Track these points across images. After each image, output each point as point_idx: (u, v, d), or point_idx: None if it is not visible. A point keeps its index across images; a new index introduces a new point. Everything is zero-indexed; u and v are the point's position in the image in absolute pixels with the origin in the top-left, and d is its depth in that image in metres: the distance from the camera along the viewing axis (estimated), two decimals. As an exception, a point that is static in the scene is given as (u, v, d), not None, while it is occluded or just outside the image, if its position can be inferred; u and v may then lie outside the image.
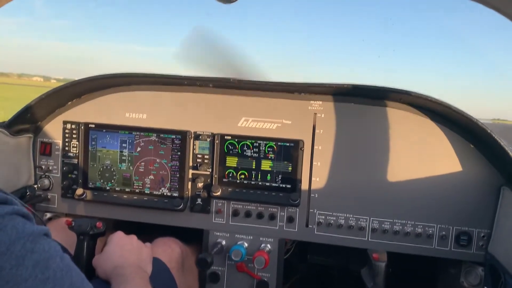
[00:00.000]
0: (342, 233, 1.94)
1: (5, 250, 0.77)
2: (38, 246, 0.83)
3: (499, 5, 0.92)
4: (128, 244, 1.61)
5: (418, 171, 1.87)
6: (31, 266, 0.80)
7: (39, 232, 0.86)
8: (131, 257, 1.54)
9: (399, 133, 1.89)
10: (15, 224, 0.81)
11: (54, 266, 0.85)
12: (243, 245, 1.97)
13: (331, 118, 1.93)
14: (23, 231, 0.82)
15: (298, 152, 1.94)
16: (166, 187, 2.04)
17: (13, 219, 0.82)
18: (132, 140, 2.04)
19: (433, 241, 1.88)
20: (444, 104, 1.73)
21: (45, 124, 2.12)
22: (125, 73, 1.96)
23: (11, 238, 0.79)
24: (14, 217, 0.83)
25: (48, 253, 0.85)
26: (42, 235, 0.87)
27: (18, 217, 0.84)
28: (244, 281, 2.02)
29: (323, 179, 1.94)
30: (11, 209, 0.83)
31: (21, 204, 0.90)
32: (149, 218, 2.08)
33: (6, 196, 0.85)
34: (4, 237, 0.78)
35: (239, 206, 2.01)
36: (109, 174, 2.07)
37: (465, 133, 1.84)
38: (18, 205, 0.87)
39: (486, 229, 1.83)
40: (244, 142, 1.98)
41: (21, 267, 0.78)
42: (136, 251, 1.59)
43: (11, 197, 0.88)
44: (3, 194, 0.85)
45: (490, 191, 1.81)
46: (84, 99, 2.10)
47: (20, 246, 0.80)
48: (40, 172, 2.13)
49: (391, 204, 1.90)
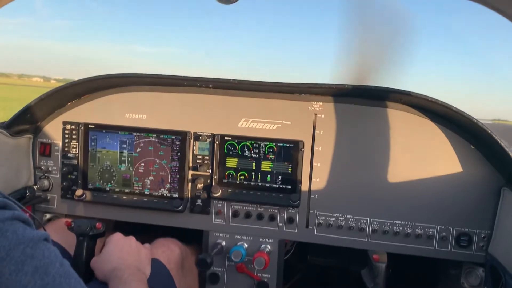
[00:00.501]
0: (342, 234, 1.94)
1: (4, 255, 0.77)
2: (37, 251, 0.83)
3: (498, 5, 0.92)
4: (127, 245, 1.60)
5: (418, 172, 1.87)
6: (31, 272, 0.80)
7: (39, 238, 0.86)
8: (130, 258, 1.53)
9: (399, 134, 1.88)
10: (15, 229, 0.81)
11: (53, 272, 0.85)
12: (243, 246, 1.97)
13: (331, 119, 1.93)
14: (23, 237, 0.82)
15: (298, 153, 1.93)
16: (166, 188, 2.04)
17: (13, 225, 0.82)
18: (131, 140, 2.04)
19: (433, 242, 1.88)
20: (445, 104, 1.72)
21: (45, 125, 2.12)
22: (125, 73, 1.96)
23: (11, 243, 0.79)
24: (15, 222, 0.83)
25: (47, 259, 0.85)
26: (42, 240, 0.87)
27: (19, 223, 0.84)
28: (244, 282, 2.01)
29: (323, 180, 1.94)
30: (11, 214, 0.83)
31: (20, 208, 0.90)
32: (149, 219, 2.08)
33: (6, 201, 0.85)
34: (4, 242, 0.78)
35: (239, 207, 2.01)
36: (109, 175, 2.07)
37: (466, 134, 1.83)
38: (18, 210, 0.87)
39: (486, 230, 1.83)
40: (244, 143, 1.97)
41: (20, 272, 0.78)
42: (135, 253, 1.59)
43: (11, 201, 0.88)
44: (3, 199, 0.85)
45: (491, 192, 1.81)
46: (84, 100, 2.10)
47: (19, 251, 0.80)
48: (40, 172, 2.13)
49: (391, 205, 1.89)
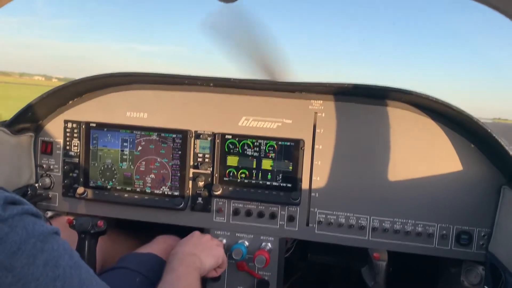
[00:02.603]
0: (343, 232, 1.95)
1: (16, 249, 0.80)
2: (48, 245, 0.86)
3: (498, 4, 0.92)
4: (196, 237, 1.75)
5: (418, 170, 1.87)
6: (42, 265, 0.83)
7: (49, 231, 0.88)
8: (191, 247, 1.66)
9: (400, 133, 1.89)
10: (25, 224, 0.84)
11: (63, 264, 0.87)
12: (243, 244, 1.98)
13: (331, 118, 1.93)
14: (33, 231, 0.84)
15: (298, 151, 1.94)
16: (167, 186, 2.05)
17: (23, 219, 0.84)
18: (133, 139, 2.05)
19: (433, 240, 1.88)
20: (445, 103, 1.73)
21: (46, 123, 2.13)
22: (126, 72, 1.97)
23: (22, 238, 0.81)
24: (24, 217, 0.85)
25: (57, 252, 0.87)
26: (52, 234, 0.89)
27: (28, 217, 0.86)
28: (244, 280, 2.02)
29: (323, 178, 1.95)
30: (20, 209, 0.85)
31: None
32: (150, 217, 2.09)
33: (14, 196, 0.87)
34: (15, 237, 0.81)
35: (239, 205, 2.02)
36: (110, 173, 2.08)
37: (466, 133, 1.84)
38: (27, 204, 0.89)
39: (486, 228, 1.83)
40: (244, 141, 1.98)
41: (32, 266, 0.81)
42: (197, 242, 1.71)
43: (19, 196, 0.89)
44: (11, 194, 0.87)
45: (491, 190, 1.81)
46: (85, 98, 2.11)
47: (30, 245, 0.82)
48: (41, 171, 2.14)
49: (391, 203, 1.90)
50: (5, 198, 0.84)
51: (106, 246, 1.97)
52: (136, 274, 1.60)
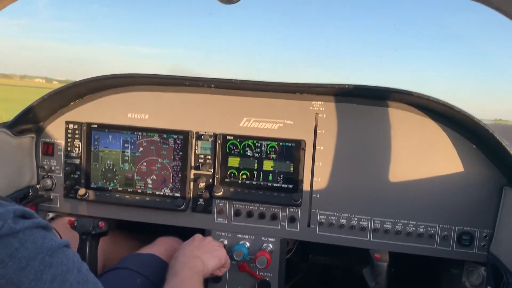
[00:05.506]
0: (344, 233, 1.94)
1: (25, 265, 0.79)
2: (56, 260, 0.85)
3: (498, 4, 0.92)
4: (197, 240, 1.76)
5: (420, 171, 1.87)
6: (49, 280, 0.82)
7: (59, 245, 0.87)
8: (193, 249, 1.67)
9: (401, 134, 1.89)
10: (35, 239, 0.83)
11: (71, 279, 0.86)
12: (245, 245, 1.98)
13: (332, 119, 1.93)
14: (42, 246, 0.83)
15: (299, 152, 1.94)
16: (168, 187, 2.05)
17: (33, 234, 0.83)
18: (134, 140, 2.05)
19: (435, 241, 1.88)
20: (446, 104, 1.73)
21: (48, 124, 2.13)
22: (127, 73, 1.97)
23: (31, 253, 0.81)
24: (35, 231, 0.84)
25: (66, 266, 0.86)
26: (62, 247, 0.88)
27: (39, 231, 0.85)
28: (246, 280, 2.02)
29: (324, 179, 1.95)
30: (30, 223, 0.84)
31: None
32: (151, 218, 2.09)
33: (23, 209, 0.86)
34: (24, 253, 0.80)
35: (241, 206, 2.02)
36: (111, 174, 2.08)
37: (467, 134, 1.83)
38: (37, 217, 0.87)
39: (488, 229, 1.83)
40: (246, 142, 1.98)
41: (39, 282, 0.80)
42: (199, 245, 1.72)
43: (28, 209, 0.88)
44: (20, 207, 0.86)
45: (492, 191, 1.81)
46: (87, 100, 2.11)
47: (38, 261, 0.81)
48: (43, 172, 2.14)
49: (393, 204, 1.89)
50: (14, 211, 0.82)
51: (107, 247, 1.97)
52: (137, 275, 1.60)
